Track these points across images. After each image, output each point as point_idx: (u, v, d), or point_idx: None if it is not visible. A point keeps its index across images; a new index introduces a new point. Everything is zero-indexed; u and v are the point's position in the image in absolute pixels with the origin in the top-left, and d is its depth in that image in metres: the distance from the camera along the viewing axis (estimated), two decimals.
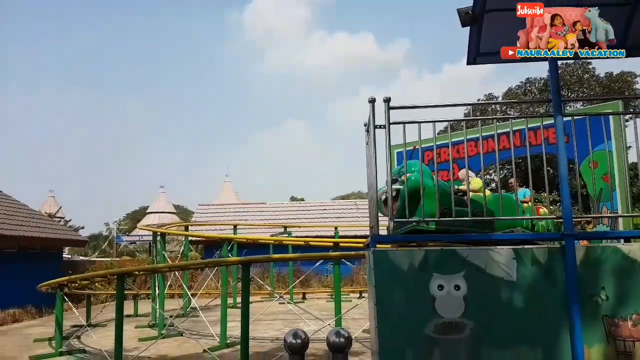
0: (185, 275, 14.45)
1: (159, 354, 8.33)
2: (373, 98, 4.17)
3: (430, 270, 3.73)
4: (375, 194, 4.20)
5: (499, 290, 3.79)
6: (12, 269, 15.19)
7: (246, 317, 6.72)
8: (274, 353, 8.16)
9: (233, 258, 10.25)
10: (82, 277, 10.32)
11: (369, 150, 4.42)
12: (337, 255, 8.03)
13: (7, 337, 10.93)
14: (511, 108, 30.39)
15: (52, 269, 16.29)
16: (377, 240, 3.99)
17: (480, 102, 12.76)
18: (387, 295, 3.73)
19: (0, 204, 17.83)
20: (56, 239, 17.77)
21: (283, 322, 11.48)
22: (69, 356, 8.73)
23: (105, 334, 10.60)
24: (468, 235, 4.10)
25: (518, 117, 6.50)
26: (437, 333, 3.68)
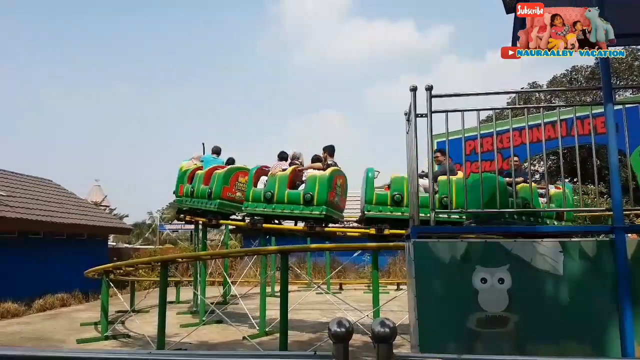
0: (225, 263, 14.71)
1: (199, 340, 8.53)
2: (415, 86, 4.10)
3: (473, 262, 3.65)
4: (417, 183, 4.13)
5: (545, 284, 3.67)
6: (60, 254, 15.84)
7: (285, 305, 6.79)
8: (312, 342, 8.23)
9: (272, 247, 10.34)
10: (127, 264, 10.66)
11: (409, 139, 4.35)
12: (375, 246, 7.97)
13: (56, 321, 11.41)
14: (556, 97, 29.41)
15: (98, 256, 16.91)
16: (418, 231, 3.93)
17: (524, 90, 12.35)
18: (428, 288, 3.68)
19: (51, 193, 18.62)
20: (102, 227, 18.38)
21: (320, 312, 11.55)
22: (114, 340, 9.04)
23: (148, 320, 10.95)
24: (512, 227, 3.99)
25: (566, 105, 6.25)
26: (480, 327, 3.60)
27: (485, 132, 9.18)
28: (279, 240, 14.02)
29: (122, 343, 8.85)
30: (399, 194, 8.20)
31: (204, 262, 11.51)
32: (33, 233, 14.84)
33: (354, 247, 8.41)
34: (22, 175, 18.88)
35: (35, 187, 18.32)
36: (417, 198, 4.13)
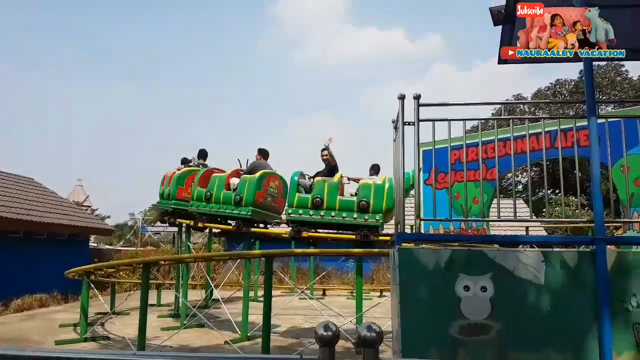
0: (209, 267, 14.61)
1: (180, 343, 8.45)
2: (403, 95, 4.14)
3: (457, 270, 3.69)
4: (402, 191, 4.17)
5: (527, 293, 3.72)
6: (40, 254, 15.57)
7: (268, 310, 6.77)
8: (294, 347, 8.21)
9: (256, 251, 10.32)
10: (109, 265, 10.52)
11: (396, 147, 4.39)
12: (360, 252, 7.98)
13: (34, 322, 11.22)
14: (540, 109, 29.90)
15: (79, 257, 16.64)
16: (403, 238, 3.96)
17: (510, 102, 12.54)
18: (412, 294, 3.71)
19: (32, 191, 18.31)
20: (83, 227, 18.13)
21: (303, 318, 11.52)
22: (93, 342, 8.91)
23: (128, 322, 10.81)
24: (496, 237, 4.04)
25: (551, 117, 6.37)
26: (462, 334, 3.64)
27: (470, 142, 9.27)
28: (263, 245, 13.97)
29: (101, 345, 8.74)
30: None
31: (187, 265, 11.42)
32: (12, 232, 14.58)
33: (338, 253, 8.41)
34: (2, 173, 18.56)
35: (15, 185, 18.01)
36: (402, 205, 4.16)
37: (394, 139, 4.58)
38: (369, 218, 8.31)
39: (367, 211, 8.29)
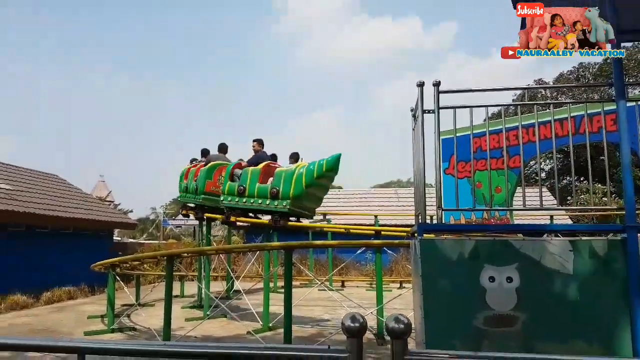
0: (229, 259, 14.73)
1: (204, 334, 8.52)
2: (422, 82, 4.05)
3: (481, 261, 3.61)
4: (423, 182, 4.09)
5: (554, 283, 3.63)
6: (67, 248, 15.94)
7: (289, 301, 6.77)
8: (315, 338, 8.22)
9: (276, 243, 10.34)
10: (134, 258, 10.67)
11: (415, 136, 4.31)
12: (379, 244, 7.94)
13: (63, 313, 11.47)
14: (562, 94, 29.26)
15: (104, 250, 16.96)
16: (424, 229, 3.89)
17: (533, 87, 12.29)
18: (435, 286, 3.64)
19: (57, 188, 18.69)
20: (108, 222, 18.45)
21: (323, 309, 11.53)
22: (120, 333, 9.06)
23: (153, 314, 10.97)
24: (521, 226, 3.95)
25: (577, 102, 6.20)
26: (487, 325, 3.56)
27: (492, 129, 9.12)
28: (282, 237, 14.01)
29: (128, 336, 8.88)
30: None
31: (208, 257, 11.51)
32: (40, 227, 14.91)
33: (357, 244, 8.37)
34: (28, 170, 18.96)
35: (42, 182, 18.41)
36: (423, 195, 4.08)
37: (413, 128, 4.49)
38: (278, 204, 9.00)
39: (277, 197, 8.98)
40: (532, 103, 4.44)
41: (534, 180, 29.85)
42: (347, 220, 18.34)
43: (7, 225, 13.64)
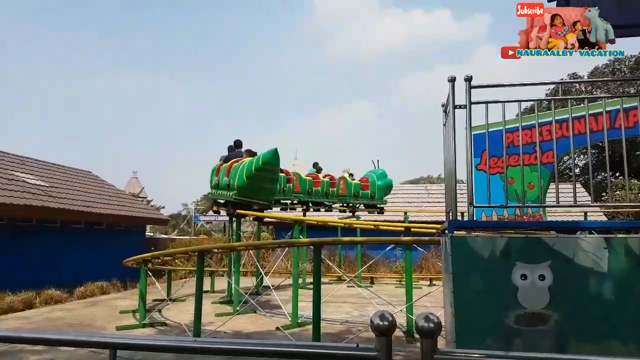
0: (258, 255, 14.88)
1: (233, 329, 8.65)
2: (453, 77, 4.00)
3: (513, 258, 3.56)
4: (454, 178, 4.05)
5: (588, 282, 3.55)
6: (100, 244, 16.36)
7: (318, 298, 6.80)
8: (343, 335, 8.23)
9: (305, 239, 10.37)
10: (165, 254, 10.89)
11: (447, 132, 4.27)
12: (409, 240, 7.87)
13: (96, 308, 11.79)
14: (597, 88, 28.43)
15: (136, 246, 17.37)
16: (456, 226, 3.85)
17: (567, 81, 11.97)
18: (465, 284, 3.61)
19: (91, 184, 19.19)
20: (140, 217, 18.85)
21: (352, 306, 11.54)
22: (152, 328, 9.26)
23: (184, 309, 11.18)
24: (554, 223, 3.87)
25: (612, 96, 6.02)
26: (519, 324, 3.52)
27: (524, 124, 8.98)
28: (310, 232, 14.06)
29: (159, 331, 9.06)
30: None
31: (238, 253, 11.65)
32: (74, 223, 15.33)
33: (386, 241, 8.31)
34: (62, 167, 19.51)
35: (76, 178, 18.91)
36: (454, 191, 4.04)
37: (444, 123, 4.45)
38: (230, 194, 10.87)
39: (231, 189, 10.65)
40: (566, 98, 4.35)
41: (567, 176, 29.13)
42: (376, 217, 18.28)
43: (42, 221, 14.07)
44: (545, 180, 7.77)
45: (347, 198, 15.47)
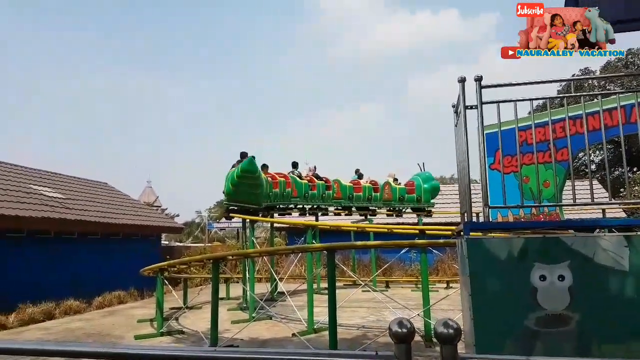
0: (272, 260, 14.89)
1: (250, 336, 8.64)
2: (463, 77, 3.96)
3: (531, 259, 3.49)
4: (468, 179, 4.00)
5: (609, 281, 3.47)
6: (117, 254, 16.52)
7: (333, 303, 6.76)
8: (360, 340, 8.18)
9: (318, 244, 10.37)
10: (181, 262, 10.94)
11: (458, 132, 4.22)
12: (424, 243, 7.79)
13: (114, 318, 11.87)
14: (611, 82, 28.08)
15: (152, 254, 17.49)
16: (471, 227, 3.80)
17: (579, 77, 11.82)
18: (483, 286, 3.55)
19: (107, 195, 19.40)
20: (155, 226, 19.00)
21: (367, 310, 11.48)
22: (169, 336, 9.29)
23: (200, 316, 11.21)
24: (572, 222, 3.80)
25: (628, 91, 5.93)
26: (539, 326, 3.45)
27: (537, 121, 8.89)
28: (323, 237, 14.04)
29: (176, 339, 9.09)
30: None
31: (252, 259, 11.67)
32: (91, 234, 15.50)
33: (400, 245, 8.25)
34: (79, 179, 19.76)
35: (92, 190, 19.15)
36: (469, 192, 3.99)
37: (455, 124, 4.41)
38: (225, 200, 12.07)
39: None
40: (579, 95, 4.28)
41: (583, 172, 28.77)
42: (389, 220, 18.19)
43: (60, 233, 14.24)
44: (561, 178, 7.66)
45: (393, 202, 15.86)
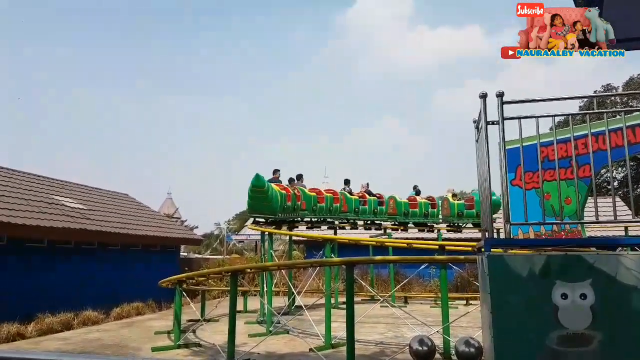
0: (290, 274, 14.89)
1: (267, 350, 8.62)
2: (485, 93, 3.97)
3: (553, 277, 3.45)
4: (489, 195, 3.99)
5: (632, 300, 3.41)
6: (136, 265, 16.68)
7: (351, 319, 6.71)
8: (378, 356, 8.11)
9: (337, 259, 10.35)
10: (199, 274, 10.99)
11: (479, 148, 4.22)
12: (444, 259, 7.73)
13: (132, 329, 11.96)
14: (633, 99, 27.68)
15: (171, 266, 17.62)
16: (492, 244, 3.78)
17: (601, 95, 11.69)
18: (504, 304, 3.51)
19: (127, 207, 19.68)
20: (175, 238, 19.17)
21: (386, 326, 11.37)
22: (186, 349, 9.31)
23: (217, 329, 11.23)
24: (594, 239, 3.75)
25: None
26: (561, 345, 3.40)
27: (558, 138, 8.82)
28: (341, 251, 14.00)
29: (193, 352, 9.11)
30: None
31: (271, 273, 11.69)
32: (111, 244, 15.70)
33: (421, 260, 8.18)
34: (100, 190, 20.10)
35: (113, 200, 19.43)
36: (490, 208, 3.98)
37: (477, 139, 4.41)
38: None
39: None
40: (601, 112, 4.25)
41: (605, 189, 28.26)
42: (408, 235, 18.08)
43: (80, 243, 14.46)
44: (583, 195, 7.56)
45: (451, 218, 16.00)
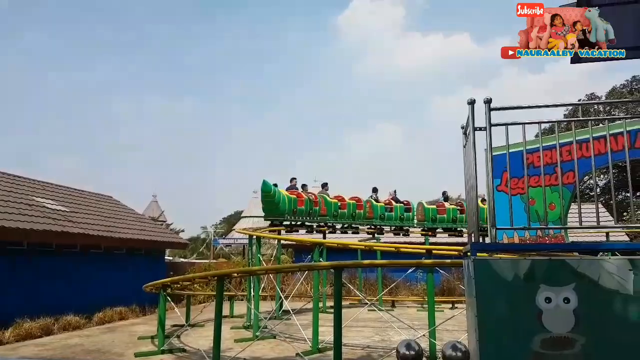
0: (278, 278, 14.85)
1: (253, 355, 8.59)
2: (472, 99, 4.03)
3: (537, 281, 3.51)
4: (475, 199, 4.04)
5: (614, 304, 3.48)
6: (120, 269, 16.42)
7: (339, 323, 6.70)
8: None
9: (325, 263, 10.35)
10: (185, 279, 10.89)
11: (467, 153, 4.27)
12: (431, 263, 7.78)
13: (114, 334, 11.75)
14: (615, 108, 28.25)
15: (156, 270, 17.44)
16: (478, 248, 3.82)
17: (586, 102, 11.91)
18: (489, 307, 3.56)
19: (111, 209, 19.42)
20: (160, 242, 18.95)
21: (373, 330, 11.40)
22: (170, 354, 9.20)
23: (203, 334, 11.14)
24: (577, 245, 3.82)
25: (633, 116, 5.99)
26: (544, 348, 3.45)
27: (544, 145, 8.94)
28: (330, 255, 14.00)
29: (178, 357, 9.02)
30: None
31: (258, 277, 11.65)
32: (94, 247, 15.45)
33: (407, 264, 8.24)
34: (83, 192, 19.80)
35: (96, 202, 19.15)
36: (476, 214, 4.03)
37: (464, 145, 4.46)
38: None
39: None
40: (586, 119, 4.34)
41: (588, 196, 28.72)
42: (396, 239, 18.16)
43: (62, 246, 14.16)
44: (567, 201, 7.68)
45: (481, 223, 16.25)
